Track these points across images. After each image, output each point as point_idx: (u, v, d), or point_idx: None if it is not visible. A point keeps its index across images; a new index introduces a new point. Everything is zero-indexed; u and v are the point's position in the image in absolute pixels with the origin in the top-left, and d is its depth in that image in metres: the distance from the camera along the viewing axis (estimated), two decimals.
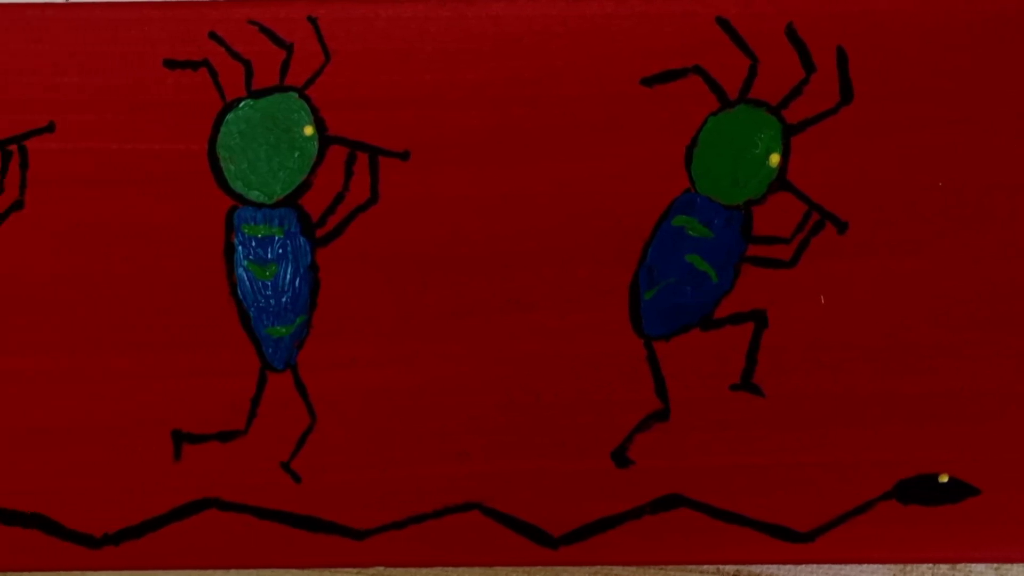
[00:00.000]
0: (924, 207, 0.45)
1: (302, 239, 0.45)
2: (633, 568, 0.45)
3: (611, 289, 0.45)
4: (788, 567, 0.50)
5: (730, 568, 0.46)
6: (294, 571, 0.45)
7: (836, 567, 0.50)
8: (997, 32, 0.44)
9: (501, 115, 0.45)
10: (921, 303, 0.45)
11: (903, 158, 0.45)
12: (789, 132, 0.45)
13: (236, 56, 0.45)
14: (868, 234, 0.45)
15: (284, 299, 0.45)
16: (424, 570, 0.45)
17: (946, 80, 0.44)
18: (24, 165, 0.45)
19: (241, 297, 0.45)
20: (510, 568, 0.45)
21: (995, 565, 0.51)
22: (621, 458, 0.45)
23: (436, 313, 0.45)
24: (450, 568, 0.45)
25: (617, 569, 0.45)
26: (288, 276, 0.45)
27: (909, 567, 0.50)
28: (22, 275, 0.45)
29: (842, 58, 0.45)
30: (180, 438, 0.45)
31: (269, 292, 0.45)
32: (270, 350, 0.45)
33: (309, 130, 0.45)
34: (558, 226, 0.45)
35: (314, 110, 0.45)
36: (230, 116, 0.45)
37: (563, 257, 0.45)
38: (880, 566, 0.51)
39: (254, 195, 0.45)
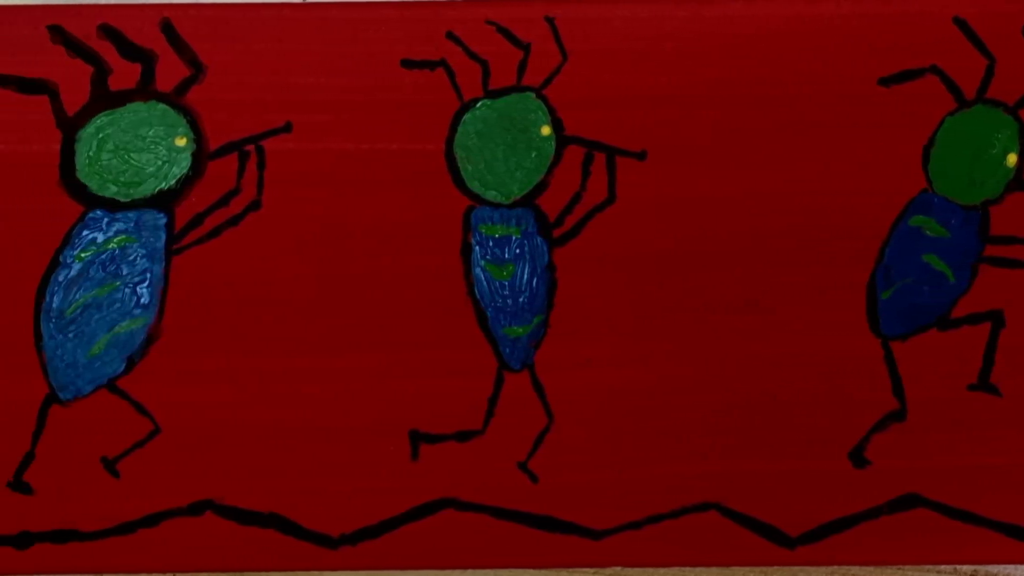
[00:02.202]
0: None
1: (539, 239, 0.45)
2: (870, 568, 0.45)
3: (848, 289, 0.45)
4: None
5: (967, 568, 0.46)
6: (531, 571, 0.45)
7: None
8: None
9: (738, 115, 0.45)
10: None
11: None
12: None
13: (473, 56, 0.45)
14: None
15: (521, 299, 0.45)
16: (661, 570, 0.45)
17: None
18: (261, 165, 0.45)
19: (478, 297, 0.45)
20: (747, 568, 0.45)
21: None
22: (858, 458, 0.45)
23: (673, 313, 0.45)
24: (687, 568, 0.45)
25: (854, 569, 0.45)
26: (525, 276, 0.45)
27: None
28: (258, 276, 0.45)
29: None
30: (418, 438, 0.45)
31: (506, 292, 0.45)
32: (507, 350, 0.45)
33: (546, 130, 0.45)
34: (795, 226, 0.45)
35: (551, 110, 0.45)
36: (467, 116, 0.45)
37: (800, 257, 0.45)
38: None
39: (491, 195, 0.45)
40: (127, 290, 0.45)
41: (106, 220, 0.45)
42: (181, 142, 0.45)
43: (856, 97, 0.45)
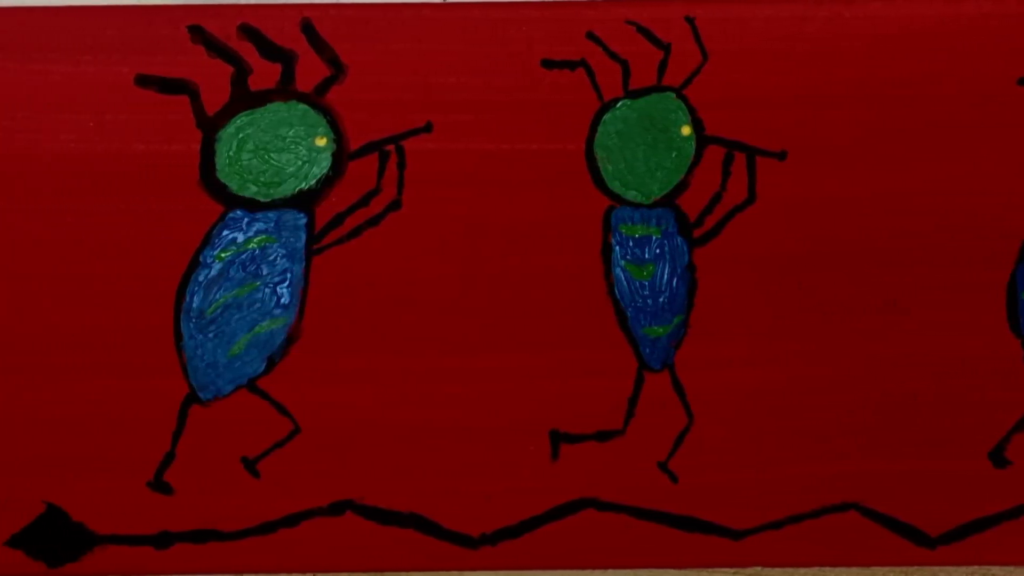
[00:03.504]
0: None
1: (679, 239, 0.45)
2: (1011, 568, 0.45)
3: (987, 289, 0.45)
4: None
5: None
6: (671, 571, 0.45)
7: None
8: None
9: (877, 115, 0.45)
10: None
11: None
12: None
13: (614, 56, 0.45)
14: None
15: (661, 299, 0.45)
16: (801, 570, 0.45)
17: None
18: (402, 165, 0.45)
19: (619, 297, 0.45)
20: (887, 568, 0.45)
21: None
22: (999, 458, 0.45)
23: (812, 313, 0.45)
24: (827, 568, 0.45)
25: (995, 569, 0.45)
26: (666, 276, 0.45)
27: None
28: (399, 275, 0.45)
29: None
30: (558, 438, 0.45)
31: (647, 292, 0.45)
32: (647, 350, 0.45)
33: (687, 130, 0.45)
34: (934, 226, 0.45)
35: (691, 110, 0.45)
36: (607, 116, 0.45)
37: (939, 257, 0.45)
38: None
39: (631, 195, 0.45)
40: (267, 290, 0.45)
41: (246, 220, 0.45)
42: (321, 142, 0.45)
43: (995, 96, 0.45)
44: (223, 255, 0.45)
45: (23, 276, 0.44)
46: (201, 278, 0.45)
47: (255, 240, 0.45)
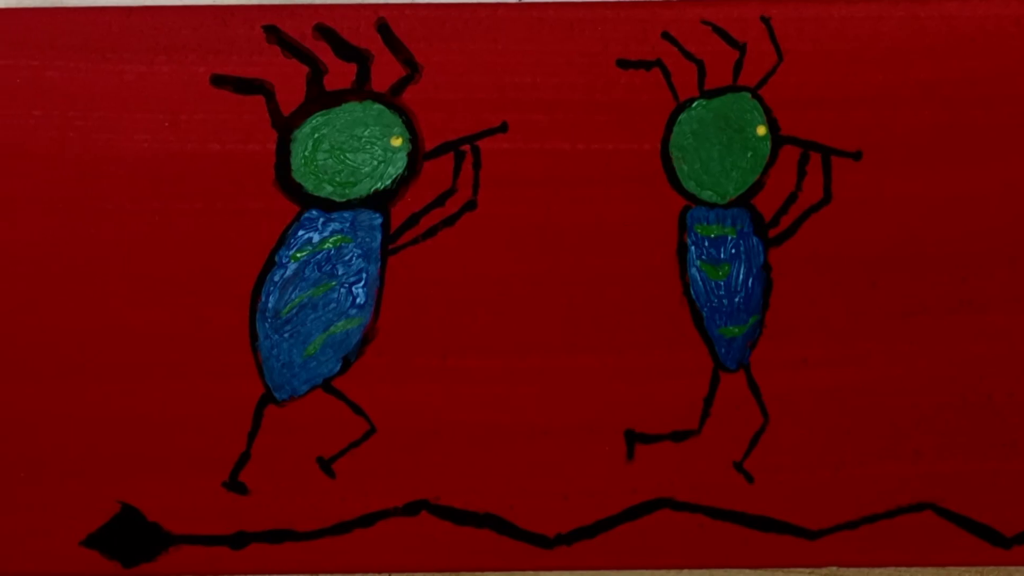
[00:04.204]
0: None
1: (755, 239, 0.45)
2: None
3: None
4: None
5: None
6: (746, 571, 0.45)
7: None
8: None
9: (953, 115, 0.45)
10: None
11: None
12: None
13: (689, 56, 0.45)
14: None
15: (737, 299, 0.45)
16: (876, 570, 0.45)
17: None
18: (477, 165, 0.45)
19: (694, 297, 0.45)
20: (963, 568, 0.45)
21: None
22: None
23: (887, 313, 0.45)
24: (902, 568, 0.45)
25: None
26: (741, 276, 0.45)
27: None
28: (474, 276, 0.45)
29: None
30: (633, 438, 0.45)
31: (722, 292, 0.45)
32: (723, 350, 0.45)
33: (762, 130, 0.45)
34: (1010, 226, 0.45)
35: (767, 110, 0.45)
36: (683, 116, 0.45)
37: (1015, 256, 0.45)
38: None
39: (707, 195, 0.45)
40: (343, 290, 0.45)
41: (322, 220, 0.45)
42: (397, 142, 0.45)
43: None
44: (299, 255, 0.45)
45: (99, 276, 0.44)
46: (276, 278, 0.45)
47: (331, 240, 0.45)
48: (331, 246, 0.45)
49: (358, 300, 0.45)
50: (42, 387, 0.44)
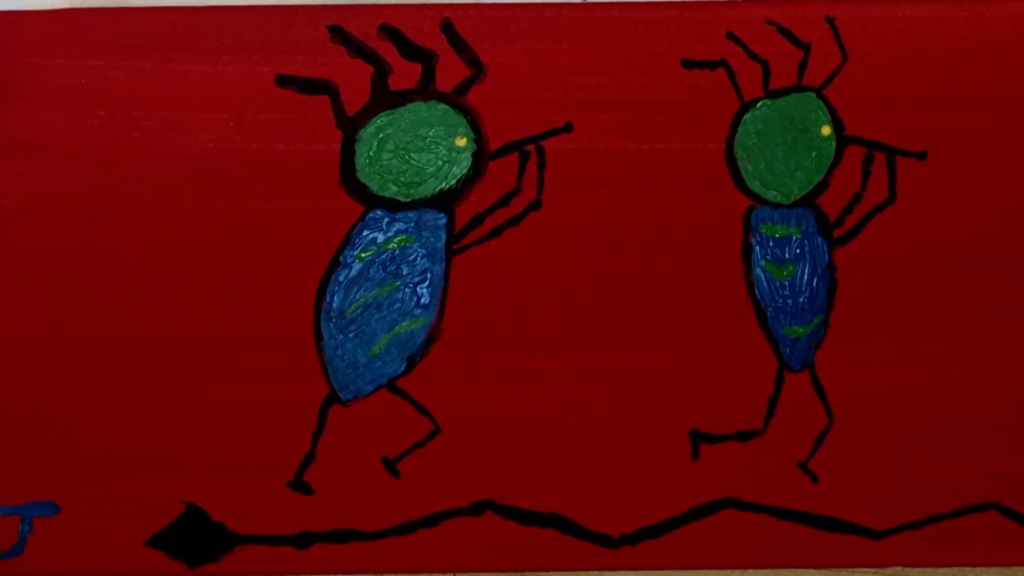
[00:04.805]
0: None
1: (820, 239, 0.45)
2: None
3: None
4: None
5: None
6: (811, 571, 0.45)
7: None
8: None
9: (1017, 114, 0.45)
10: None
11: None
12: None
13: (754, 56, 0.45)
14: None
15: (802, 299, 0.45)
16: (941, 570, 0.45)
17: None
18: (542, 165, 0.45)
19: (759, 297, 0.45)
20: None
21: None
22: None
23: (952, 313, 0.45)
24: (967, 568, 0.45)
25: None
26: (806, 276, 0.45)
27: None
28: (539, 276, 0.45)
29: None
30: (698, 438, 0.45)
31: (787, 292, 0.45)
32: (788, 350, 0.45)
33: (827, 130, 0.45)
34: None
35: (831, 110, 0.45)
36: (747, 116, 0.45)
37: None
38: None
39: (771, 195, 0.45)
40: (407, 290, 0.45)
41: (386, 220, 0.45)
42: (461, 142, 0.45)
43: None
44: (363, 255, 0.45)
45: (164, 277, 0.44)
46: (341, 278, 0.45)
47: (395, 240, 0.45)
48: (396, 246, 0.45)
49: (423, 300, 0.45)
50: (111, 387, 0.44)
